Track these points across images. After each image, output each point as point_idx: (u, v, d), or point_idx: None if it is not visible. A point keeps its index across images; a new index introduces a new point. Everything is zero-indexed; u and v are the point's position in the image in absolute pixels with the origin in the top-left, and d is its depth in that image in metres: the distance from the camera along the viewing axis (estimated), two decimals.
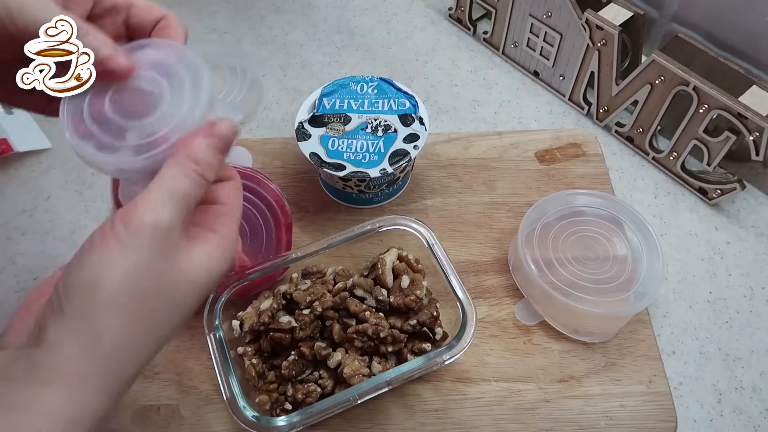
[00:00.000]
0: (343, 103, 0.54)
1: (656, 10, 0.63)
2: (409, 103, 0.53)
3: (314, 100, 0.54)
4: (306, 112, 0.54)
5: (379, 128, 0.52)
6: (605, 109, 0.63)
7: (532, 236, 0.51)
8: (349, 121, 0.53)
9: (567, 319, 0.49)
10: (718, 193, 0.58)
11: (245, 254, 0.50)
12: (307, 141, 0.52)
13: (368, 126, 0.52)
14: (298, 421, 0.41)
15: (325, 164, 0.51)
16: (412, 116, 0.52)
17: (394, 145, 0.51)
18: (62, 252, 0.56)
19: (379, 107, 0.53)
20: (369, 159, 0.51)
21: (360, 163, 0.50)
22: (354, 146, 0.51)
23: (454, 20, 0.75)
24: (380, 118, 0.53)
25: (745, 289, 0.54)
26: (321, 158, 0.51)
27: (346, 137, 0.52)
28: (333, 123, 0.53)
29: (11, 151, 0.61)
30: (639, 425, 0.46)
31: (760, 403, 0.48)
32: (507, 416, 0.46)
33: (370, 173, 0.50)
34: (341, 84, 0.55)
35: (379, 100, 0.54)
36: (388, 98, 0.54)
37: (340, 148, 0.51)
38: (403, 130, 0.52)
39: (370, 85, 0.55)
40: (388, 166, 0.50)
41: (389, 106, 0.53)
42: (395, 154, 0.51)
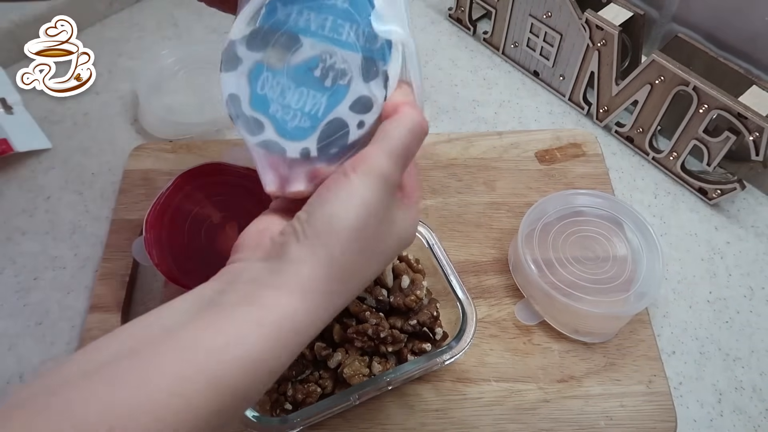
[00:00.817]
0: (300, 15, 0.33)
1: (656, 10, 0.63)
2: (381, 40, 0.33)
3: (261, 4, 0.34)
4: (245, 22, 0.34)
5: (330, 73, 0.33)
6: (605, 109, 0.63)
7: (532, 236, 0.51)
8: (298, 47, 0.33)
9: (567, 319, 0.49)
10: (718, 193, 0.58)
11: None
12: (233, 72, 0.34)
13: (320, 65, 0.33)
14: (298, 422, 0.41)
15: (242, 118, 0.34)
16: (376, 65, 0.33)
17: (337, 109, 0.33)
18: (62, 252, 0.56)
19: (342, 35, 0.33)
20: (297, 124, 0.33)
21: (284, 128, 0.33)
22: (290, 95, 0.34)
23: (454, 20, 0.75)
24: (337, 54, 0.33)
25: (745, 289, 0.54)
26: (239, 110, 0.34)
27: (283, 75, 0.34)
28: (275, 47, 0.33)
29: (11, 151, 0.61)
30: (639, 425, 0.46)
31: (760, 403, 0.48)
32: (507, 416, 0.46)
33: (287, 149, 0.33)
34: None
35: (346, 22, 0.33)
36: (357, 23, 0.33)
37: (270, 93, 0.34)
38: (359, 87, 0.33)
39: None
40: (313, 146, 0.33)
41: (356, 36, 0.33)
42: (329, 130, 0.33)
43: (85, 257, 0.56)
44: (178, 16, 0.76)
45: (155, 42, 0.72)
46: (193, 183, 0.50)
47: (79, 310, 0.53)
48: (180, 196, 0.50)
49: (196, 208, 0.50)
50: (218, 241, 0.50)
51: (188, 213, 0.50)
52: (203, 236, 0.50)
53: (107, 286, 0.53)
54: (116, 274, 0.53)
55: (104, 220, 0.58)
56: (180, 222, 0.49)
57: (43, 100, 0.66)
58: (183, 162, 0.60)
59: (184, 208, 0.50)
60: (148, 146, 0.62)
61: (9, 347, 0.51)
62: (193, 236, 0.50)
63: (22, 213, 0.59)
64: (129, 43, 0.72)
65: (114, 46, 0.72)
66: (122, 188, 0.59)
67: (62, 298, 0.54)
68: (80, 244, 0.57)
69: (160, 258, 0.48)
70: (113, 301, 0.52)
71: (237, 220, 0.51)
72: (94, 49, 0.70)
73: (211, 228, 0.50)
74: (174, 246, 0.49)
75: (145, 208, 0.49)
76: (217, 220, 0.51)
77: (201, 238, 0.50)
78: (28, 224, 0.58)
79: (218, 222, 0.51)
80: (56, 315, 0.53)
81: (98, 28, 0.73)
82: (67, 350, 0.51)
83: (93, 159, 0.63)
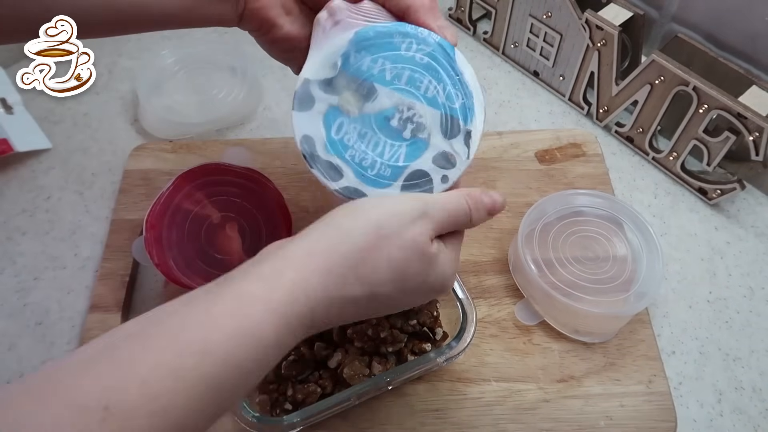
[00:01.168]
0: (375, 64, 0.34)
1: (656, 10, 0.63)
2: (462, 98, 0.35)
3: (341, 50, 0.35)
4: (321, 64, 0.35)
5: (408, 124, 0.35)
6: (605, 109, 0.63)
7: (532, 236, 0.51)
8: (374, 97, 0.35)
9: (567, 319, 0.49)
10: (718, 193, 0.58)
11: (245, 254, 0.50)
12: (307, 112, 0.35)
13: (397, 115, 0.35)
14: (298, 422, 0.41)
15: (317, 160, 0.35)
16: (459, 124, 0.35)
17: (419, 161, 0.34)
18: (62, 252, 0.56)
19: (420, 89, 0.34)
20: (378, 171, 0.35)
21: (363, 174, 0.35)
22: (366, 142, 0.35)
23: (454, 20, 0.75)
24: (416, 108, 0.34)
25: (745, 289, 0.54)
26: (314, 151, 0.35)
27: (359, 122, 0.35)
28: (351, 93, 0.35)
29: (11, 151, 0.61)
30: (639, 425, 0.46)
31: (760, 403, 0.48)
32: (507, 416, 0.46)
33: (369, 195, 0.35)
34: (385, 31, 0.35)
35: (425, 77, 0.35)
36: (438, 79, 0.35)
37: (346, 138, 0.35)
38: (439, 142, 0.35)
39: (421, 47, 0.35)
40: (395, 189, 0.35)
41: (434, 92, 0.35)
42: (413, 178, 0.35)
43: (85, 257, 0.56)
44: None
45: (155, 42, 0.72)
46: (193, 183, 0.50)
47: (79, 310, 0.53)
48: (180, 196, 0.50)
49: (196, 208, 0.50)
50: (218, 240, 0.50)
51: (188, 213, 0.50)
52: (203, 236, 0.50)
53: (107, 286, 0.53)
54: (116, 274, 0.53)
55: (104, 220, 0.58)
56: (180, 222, 0.49)
57: (43, 100, 0.66)
58: (183, 162, 0.60)
59: (184, 207, 0.50)
60: (148, 146, 0.62)
61: (9, 347, 0.51)
62: (193, 236, 0.50)
63: (22, 213, 0.59)
64: (129, 43, 0.72)
65: (114, 46, 0.72)
66: (122, 188, 0.59)
67: (62, 298, 0.54)
68: (80, 244, 0.57)
69: (161, 258, 0.48)
70: (113, 301, 0.52)
71: (237, 220, 0.51)
72: (94, 49, 0.69)
73: (211, 228, 0.50)
74: (174, 246, 0.49)
75: (145, 208, 0.49)
76: (217, 220, 0.51)
77: (201, 237, 0.50)
78: (28, 224, 0.58)
79: (218, 222, 0.51)
80: (56, 315, 0.53)
81: None
82: (67, 350, 0.51)
83: (93, 159, 0.63)
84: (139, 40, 0.73)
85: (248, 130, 0.66)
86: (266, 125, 0.66)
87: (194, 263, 0.49)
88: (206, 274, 0.49)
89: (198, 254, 0.50)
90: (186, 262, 0.49)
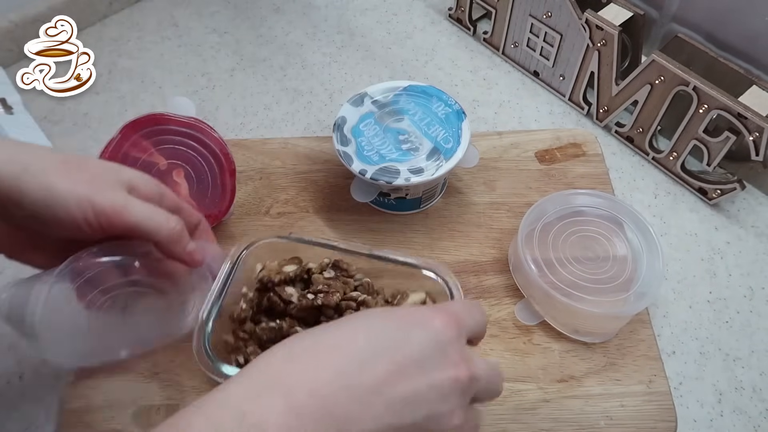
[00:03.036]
0: (410, 105, 0.53)
1: (656, 10, 0.63)
2: (452, 144, 0.51)
3: (397, 89, 0.54)
4: (380, 91, 0.54)
5: (408, 143, 0.51)
6: (605, 109, 0.63)
7: (532, 236, 0.51)
8: (399, 120, 0.52)
9: (567, 319, 0.49)
10: (718, 193, 0.58)
11: (192, 198, 0.53)
12: (354, 108, 0.53)
13: (405, 135, 0.51)
14: None
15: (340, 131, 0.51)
16: (440, 156, 0.50)
17: (400, 163, 0.50)
18: None
19: (430, 130, 0.52)
20: (370, 155, 0.50)
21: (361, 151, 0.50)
22: (377, 138, 0.51)
23: (454, 20, 0.75)
24: (420, 138, 0.51)
25: (745, 289, 0.54)
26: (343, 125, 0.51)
27: (380, 127, 0.52)
28: (387, 112, 0.53)
29: None
30: (639, 425, 0.46)
31: (760, 403, 0.48)
32: (507, 416, 0.46)
33: (353, 164, 0.49)
34: (428, 90, 0.54)
35: (437, 125, 0.52)
36: (443, 128, 0.52)
37: (365, 130, 0.51)
38: (420, 161, 0.50)
39: (446, 108, 0.53)
40: (371, 171, 0.49)
41: (436, 133, 0.52)
42: (388, 169, 0.50)
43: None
44: (178, 16, 0.76)
45: (155, 42, 0.72)
46: (139, 132, 0.52)
47: None
48: (127, 145, 0.51)
49: (143, 156, 0.52)
50: (166, 186, 0.52)
51: (136, 161, 0.52)
52: None
53: None
54: None
55: None
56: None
57: (43, 100, 0.66)
58: None
59: (132, 155, 0.52)
60: None
61: (9, 347, 0.51)
62: None
63: None
64: (129, 43, 0.72)
65: (114, 46, 0.72)
66: None
67: None
68: None
69: None
70: None
71: (183, 167, 0.53)
72: (94, 49, 0.70)
73: (158, 174, 0.52)
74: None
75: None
76: (164, 167, 0.53)
77: None
78: None
79: (165, 169, 0.53)
80: None
81: (98, 28, 0.74)
82: None
83: None
84: (139, 40, 0.73)
85: (248, 130, 0.66)
86: (266, 125, 0.66)
87: None
88: None
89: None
90: None
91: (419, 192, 0.53)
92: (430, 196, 0.55)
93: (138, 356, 0.42)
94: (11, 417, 0.48)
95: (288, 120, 0.67)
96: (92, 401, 0.47)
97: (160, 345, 0.43)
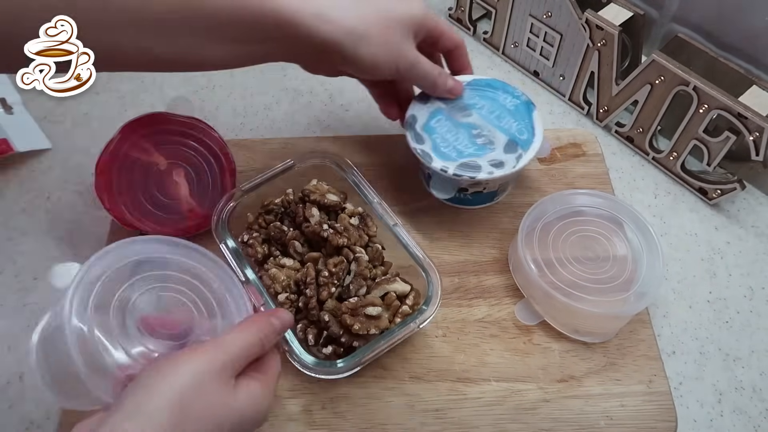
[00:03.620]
0: (480, 100, 0.53)
1: (656, 10, 0.63)
2: (527, 135, 0.51)
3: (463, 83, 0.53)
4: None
5: (481, 137, 0.51)
6: (605, 109, 0.63)
7: (532, 236, 0.51)
8: (469, 115, 0.52)
9: (567, 319, 0.49)
10: (718, 193, 0.58)
11: (192, 198, 0.53)
12: (421, 105, 0.53)
13: (478, 130, 0.51)
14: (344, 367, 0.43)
15: (412, 129, 0.52)
16: (517, 148, 0.50)
17: (478, 158, 0.49)
18: (62, 252, 0.56)
19: (501, 122, 0.51)
20: (447, 151, 0.50)
21: (437, 148, 0.50)
22: (451, 134, 0.51)
23: (454, 20, 0.75)
24: (493, 132, 0.51)
25: (745, 289, 0.54)
26: (414, 123, 0.52)
27: (452, 123, 0.51)
28: (455, 107, 0.52)
29: (11, 151, 0.61)
30: (639, 425, 0.46)
31: (760, 403, 0.48)
32: (507, 416, 0.46)
33: (433, 162, 0.49)
34: (493, 83, 0.53)
35: (508, 117, 0.52)
36: (516, 121, 0.51)
37: (437, 127, 0.51)
38: (498, 154, 0.50)
39: (513, 100, 0.53)
40: (452, 168, 0.49)
41: (509, 126, 0.51)
42: (468, 164, 0.49)
43: (85, 257, 0.55)
44: None
45: None
46: (139, 132, 0.52)
47: None
48: (127, 145, 0.52)
49: (143, 156, 0.52)
50: (166, 186, 0.53)
51: (136, 161, 0.52)
52: (152, 182, 0.53)
53: None
54: None
55: (104, 220, 0.58)
56: (129, 170, 0.52)
57: (43, 100, 0.66)
58: None
59: (132, 156, 0.52)
60: None
61: (9, 347, 0.51)
62: (142, 183, 0.52)
63: (22, 213, 0.59)
64: None
65: None
66: None
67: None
68: (80, 244, 0.57)
69: (112, 203, 0.51)
70: None
71: (183, 167, 0.53)
72: None
73: (158, 174, 0.53)
74: (125, 192, 0.52)
75: None
76: (164, 167, 0.53)
77: (150, 184, 0.53)
78: (28, 224, 0.58)
79: (165, 169, 0.53)
80: None
81: None
82: None
83: (93, 159, 0.62)
84: None
85: (248, 130, 0.66)
86: (266, 125, 0.66)
87: (145, 208, 0.52)
88: (156, 218, 0.53)
89: (148, 199, 0.52)
90: (137, 207, 0.52)
91: (496, 185, 0.53)
92: (504, 189, 0.56)
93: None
94: (11, 417, 0.48)
95: (288, 120, 0.67)
96: None
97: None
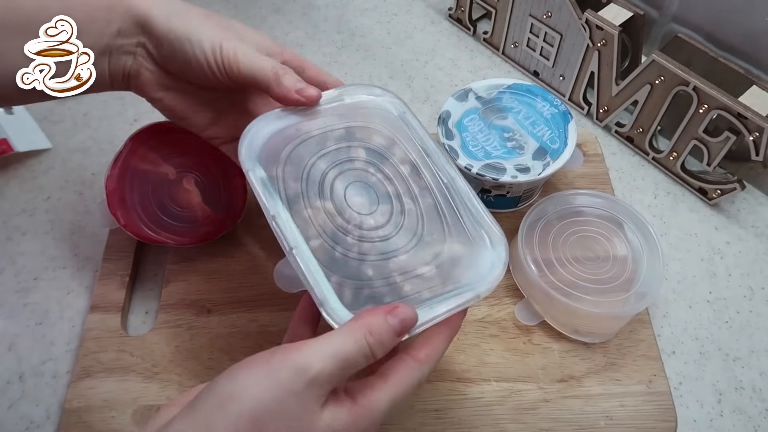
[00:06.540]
0: (516, 104, 0.53)
1: (656, 10, 0.63)
2: (559, 145, 0.51)
3: (501, 87, 0.54)
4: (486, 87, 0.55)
5: (513, 141, 0.51)
6: (605, 109, 0.63)
7: (532, 236, 0.51)
8: (503, 118, 0.53)
9: (567, 319, 0.49)
10: (718, 193, 0.58)
11: (205, 204, 0.52)
12: (458, 102, 0.53)
13: (510, 133, 0.52)
14: None
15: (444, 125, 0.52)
16: (546, 155, 0.50)
17: (505, 160, 0.50)
18: (62, 252, 0.56)
19: (535, 129, 0.52)
20: (475, 150, 0.51)
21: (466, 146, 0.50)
22: (481, 134, 0.51)
23: (454, 20, 0.75)
24: (525, 137, 0.52)
25: (745, 289, 0.54)
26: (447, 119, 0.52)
27: (484, 123, 0.52)
28: (491, 109, 0.53)
29: (11, 151, 0.61)
30: (639, 425, 0.46)
31: (760, 403, 0.49)
32: (507, 416, 0.46)
33: (459, 158, 0.50)
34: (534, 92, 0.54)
35: (543, 125, 0.52)
36: (550, 129, 0.52)
37: (470, 126, 0.52)
38: (527, 159, 0.50)
39: (551, 108, 0.53)
40: (476, 167, 0.50)
41: (542, 134, 0.52)
42: (493, 166, 0.50)
43: (85, 257, 0.56)
44: None
45: None
46: (146, 144, 0.51)
47: (79, 310, 0.53)
48: (136, 159, 0.51)
49: (152, 168, 0.52)
50: (178, 195, 0.52)
51: (146, 173, 0.51)
52: (163, 193, 0.52)
53: (107, 286, 0.53)
54: (116, 274, 0.53)
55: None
56: (139, 183, 0.51)
57: None
58: None
59: (142, 169, 0.51)
60: None
61: (9, 347, 0.51)
62: (154, 195, 0.51)
63: (22, 213, 0.59)
64: None
65: None
66: None
67: (62, 298, 0.54)
68: (80, 244, 0.57)
69: (126, 219, 0.50)
70: (113, 301, 0.52)
71: (193, 174, 0.53)
72: None
73: (169, 184, 0.52)
74: (137, 205, 0.51)
75: None
76: (173, 176, 0.52)
77: (161, 195, 0.52)
78: (28, 224, 0.58)
79: (175, 178, 0.52)
80: (56, 315, 0.53)
81: None
82: (67, 350, 0.51)
83: (93, 159, 0.63)
84: None
85: None
86: None
87: (160, 220, 0.51)
88: (172, 228, 0.52)
89: (161, 211, 0.51)
90: (151, 220, 0.51)
91: (521, 191, 0.53)
92: (529, 196, 0.56)
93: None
94: (11, 417, 0.48)
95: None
96: (92, 401, 0.47)
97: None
